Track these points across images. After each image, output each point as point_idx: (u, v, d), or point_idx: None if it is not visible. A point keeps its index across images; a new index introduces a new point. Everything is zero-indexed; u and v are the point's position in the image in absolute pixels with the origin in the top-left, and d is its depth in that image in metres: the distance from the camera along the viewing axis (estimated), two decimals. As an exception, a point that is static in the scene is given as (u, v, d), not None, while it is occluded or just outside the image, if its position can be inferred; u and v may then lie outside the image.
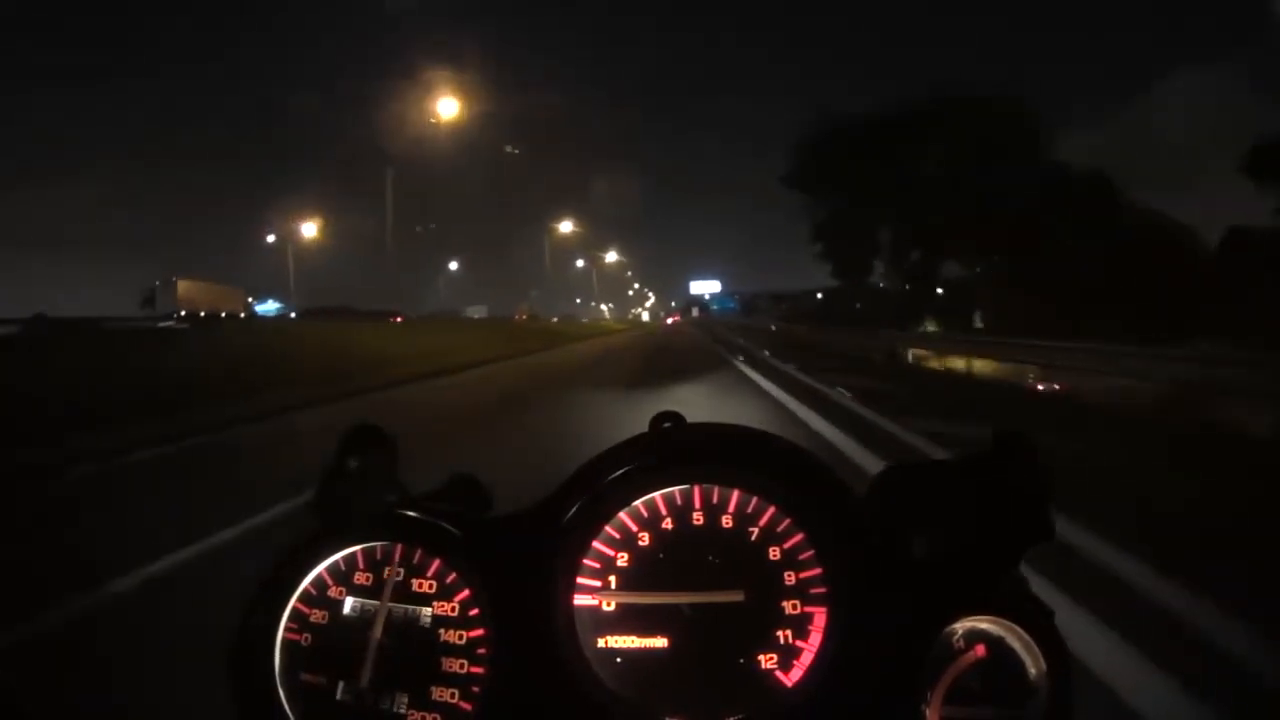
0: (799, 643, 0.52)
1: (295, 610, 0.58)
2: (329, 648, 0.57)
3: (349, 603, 0.58)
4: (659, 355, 18.40)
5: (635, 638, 0.53)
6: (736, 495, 0.55)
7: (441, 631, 0.56)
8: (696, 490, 0.56)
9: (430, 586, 0.57)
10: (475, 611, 0.56)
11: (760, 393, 9.19)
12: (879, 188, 25.74)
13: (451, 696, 0.55)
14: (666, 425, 0.61)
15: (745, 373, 12.22)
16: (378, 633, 0.56)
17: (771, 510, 0.54)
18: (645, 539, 0.55)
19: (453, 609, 0.57)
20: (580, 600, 0.54)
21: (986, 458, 0.55)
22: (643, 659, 0.53)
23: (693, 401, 8.36)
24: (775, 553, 0.54)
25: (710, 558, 0.54)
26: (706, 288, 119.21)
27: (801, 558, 0.53)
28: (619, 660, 0.53)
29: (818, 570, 0.53)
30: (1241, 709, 1.86)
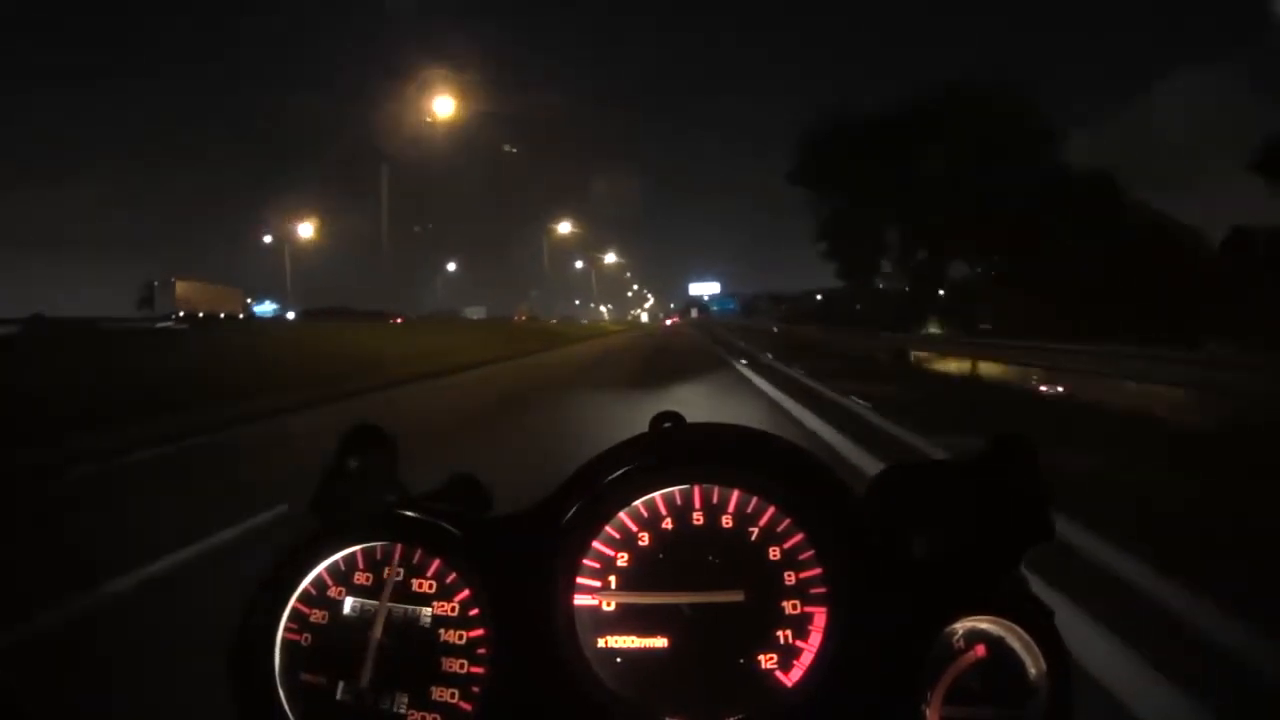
0: (799, 643, 0.52)
1: (295, 610, 0.58)
2: (329, 648, 0.57)
3: (349, 603, 0.58)
4: (658, 357, 18.38)
5: (635, 638, 0.53)
6: (736, 495, 0.55)
7: (441, 631, 0.56)
8: (696, 490, 0.56)
9: (430, 586, 0.57)
10: (475, 611, 0.56)
11: (771, 404, 8.33)
12: (883, 185, 24.96)
13: (451, 696, 0.54)
14: (666, 425, 0.61)
15: (750, 379, 11.42)
16: (378, 633, 0.56)
17: (771, 510, 0.54)
18: (645, 539, 0.55)
19: (453, 609, 0.56)
20: (580, 600, 0.54)
21: (986, 458, 0.55)
22: (643, 659, 0.53)
23: (692, 402, 8.36)
24: (775, 553, 0.54)
25: (710, 558, 0.54)
26: (706, 289, 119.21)
27: (801, 558, 0.53)
28: (619, 660, 0.53)
29: (818, 570, 0.53)
30: (1240, 710, 1.85)
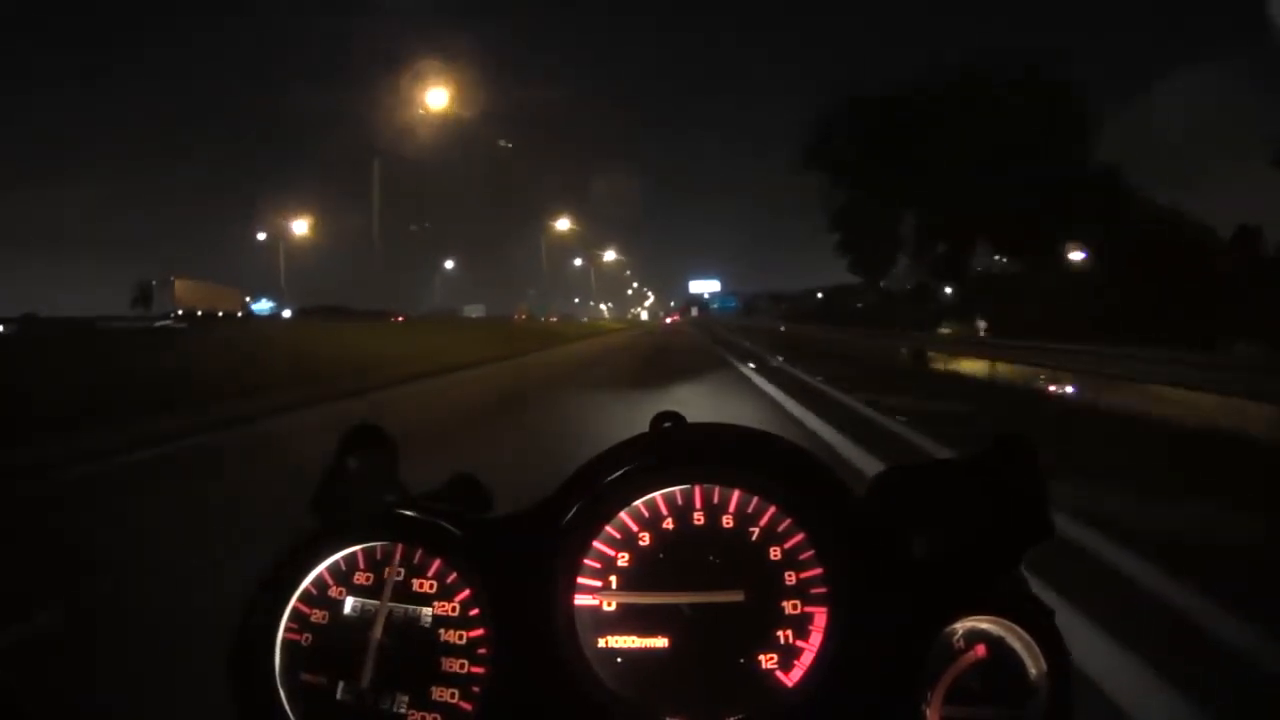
0: (799, 643, 0.52)
1: (295, 610, 0.58)
2: (329, 648, 0.57)
3: (349, 603, 0.58)
4: (658, 357, 18.37)
5: (635, 638, 0.53)
6: (737, 495, 0.55)
7: (442, 631, 0.56)
8: (697, 490, 0.56)
9: (430, 586, 0.57)
10: (475, 611, 0.56)
11: (792, 422, 6.69)
12: (904, 169, 22.66)
13: (452, 696, 0.54)
14: (667, 425, 0.61)
15: (764, 389, 9.56)
16: (378, 633, 0.56)
17: (772, 510, 0.54)
18: (646, 539, 0.55)
19: (453, 609, 0.56)
20: (580, 600, 0.54)
21: (986, 458, 0.55)
22: (643, 659, 0.53)
23: (693, 402, 8.35)
24: (776, 553, 0.54)
25: (711, 558, 0.54)
26: (706, 287, 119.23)
27: (802, 558, 0.53)
28: (619, 660, 0.53)
29: (818, 570, 0.53)
30: (1239, 711, 1.85)
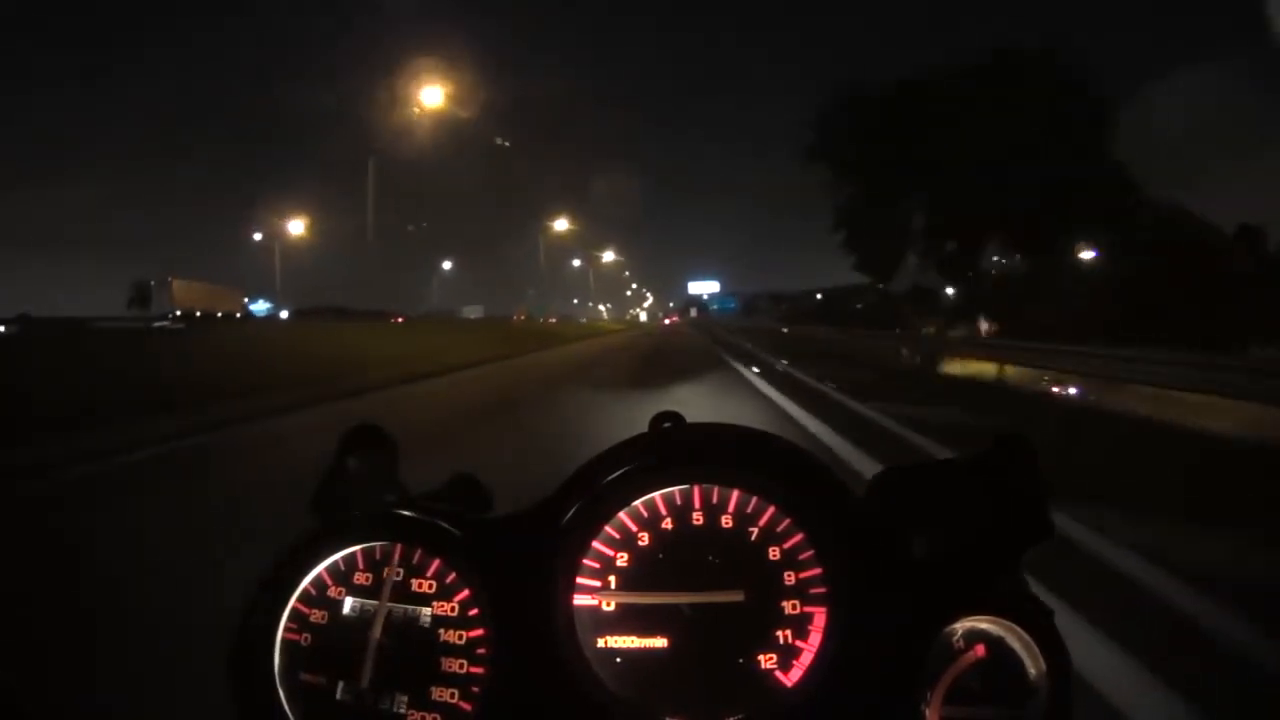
0: (799, 643, 0.52)
1: (295, 610, 0.58)
2: (329, 648, 0.57)
3: (349, 603, 0.58)
4: (657, 356, 18.38)
5: (635, 638, 0.53)
6: (736, 495, 0.55)
7: (441, 631, 0.56)
8: (696, 490, 0.56)
9: (430, 586, 0.57)
10: (475, 611, 0.56)
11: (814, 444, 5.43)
12: (912, 165, 21.55)
13: (451, 696, 0.54)
14: (666, 425, 0.61)
15: (774, 399, 8.54)
16: (377, 633, 0.56)
17: (771, 510, 0.54)
18: (645, 539, 0.55)
19: (452, 609, 0.56)
20: (580, 600, 0.54)
21: (986, 458, 0.55)
22: (643, 659, 0.53)
23: (693, 402, 8.35)
24: (775, 553, 0.54)
25: (710, 558, 0.54)
26: (705, 288, 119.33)
27: (801, 558, 0.53)
28: (619, 660, 0.53)
29: (818, 570, 0.53)
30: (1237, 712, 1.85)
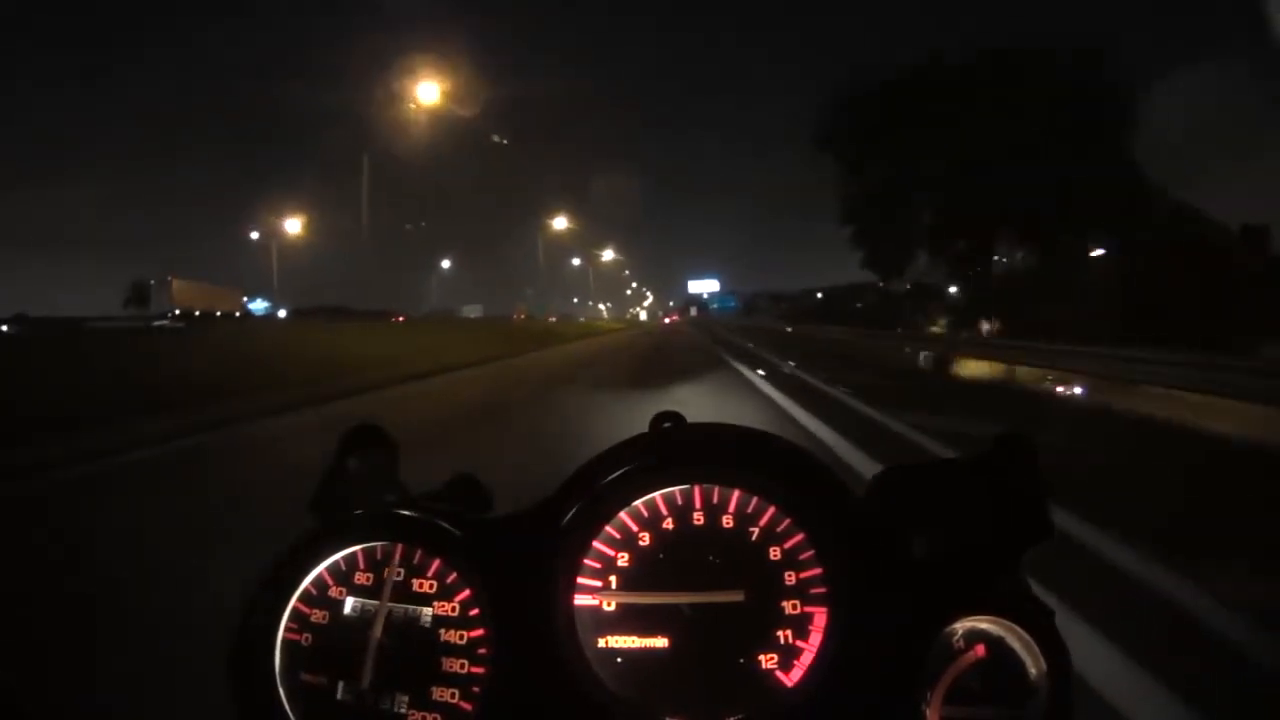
0: (799, 643, 0.52)
1: (295, 610, 0.58)
2: (329, 648, 0.57)
3: (349, 603, 0.58)
4: (656, 356, 18.42)
5: (635, 638, 0.54)
6: (737, 495, 0.55)
7: (442, 631, 0.56)
8: (697, 490, 0.56)
9: (430, 586, 0.57)
10: (475, 611, 0.56)
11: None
12: (930, 152, 20.61)
13: (452, 696, 0.54)
14: (666, 425, 0.61)
15: (786, 409, 7.33)
16: (378, 633, 0.56)
17: (772, 510, 0.55)
18: (646, 539, 0.55)
19: (453, 609, 0.56)
20: (580, 600, 0.54)
21: (987, 458, 0.55)
22: (643, 659, 0.53)
23: (693, 401, 8.36)
24: (775, 553, 0.54)
25: (710, 558, 0.54)
26: (705, 286, 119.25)
27: (802, 558, 0.53)
28: (619, 660, 0.53)
29: (818, 570, 0.53)
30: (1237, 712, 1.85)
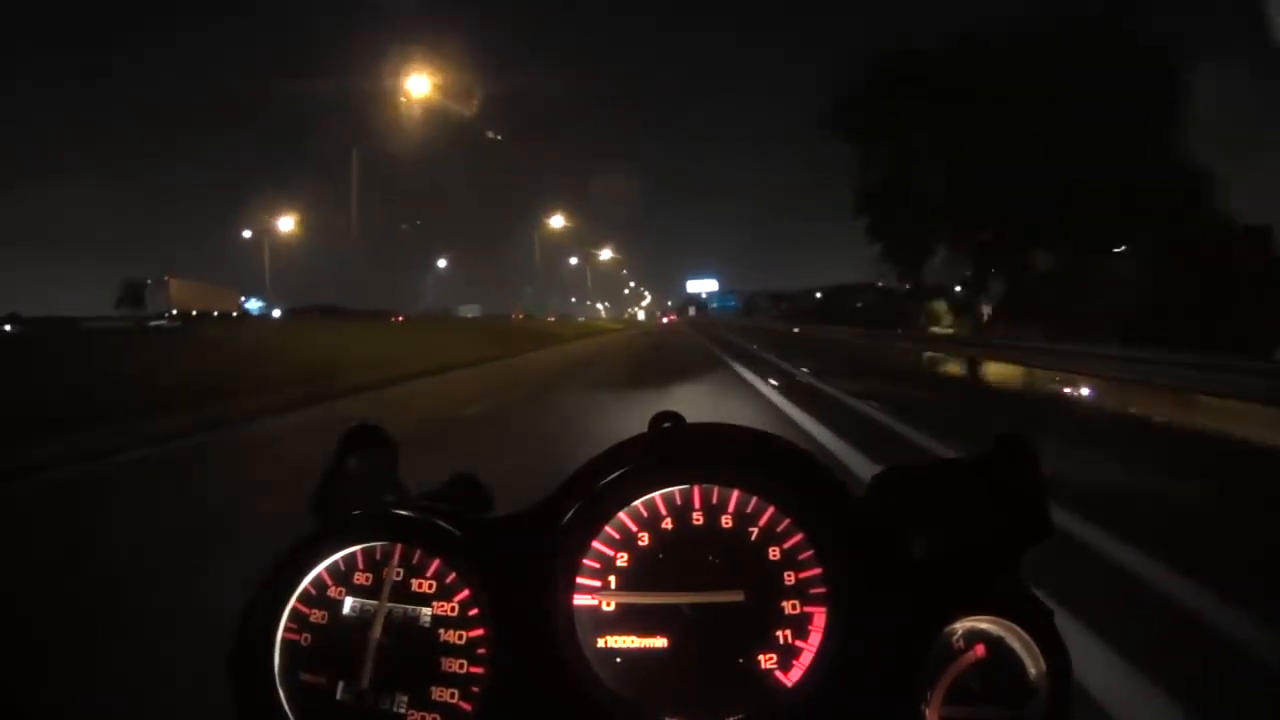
0: (799, 643, 0.52)
1: (295, 610, 0.58)
2: (329, 648, 0.57)
3: (349, 603, 0.58)
4: (654, 355, 18.44)
5: (635, 638, 0.53)
6: (736, 495, 0.55)
7: (441, 631, 0.56)
8: (696, 490, 0.56)
9: (430, 586, 0.57)
10: (475, 611, 0.56)
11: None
12: (961, 138, 18.51)
13: (451, 696, 0.54)
14: (666, 425, 0.61)
15: (813, 436, 5.60)
16: (377, 633, 0.56)
17: (771, 510, 0.54)
18: (645, 539, 0.55)
19: (452, 609, 0.56)
20: (580, 600, 0.54)
21: (986, 459, 0.55)
22: (643, 659, 0.53)
23: (693, 401, 8.37)
24: (775, 553, 0.54)
25: (710, 558, 0.54)
26: (704, 286, 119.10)
27: (801, 558, 0.53)
28: (619, 660, 0.53)
29: (817, 570, 0.53)
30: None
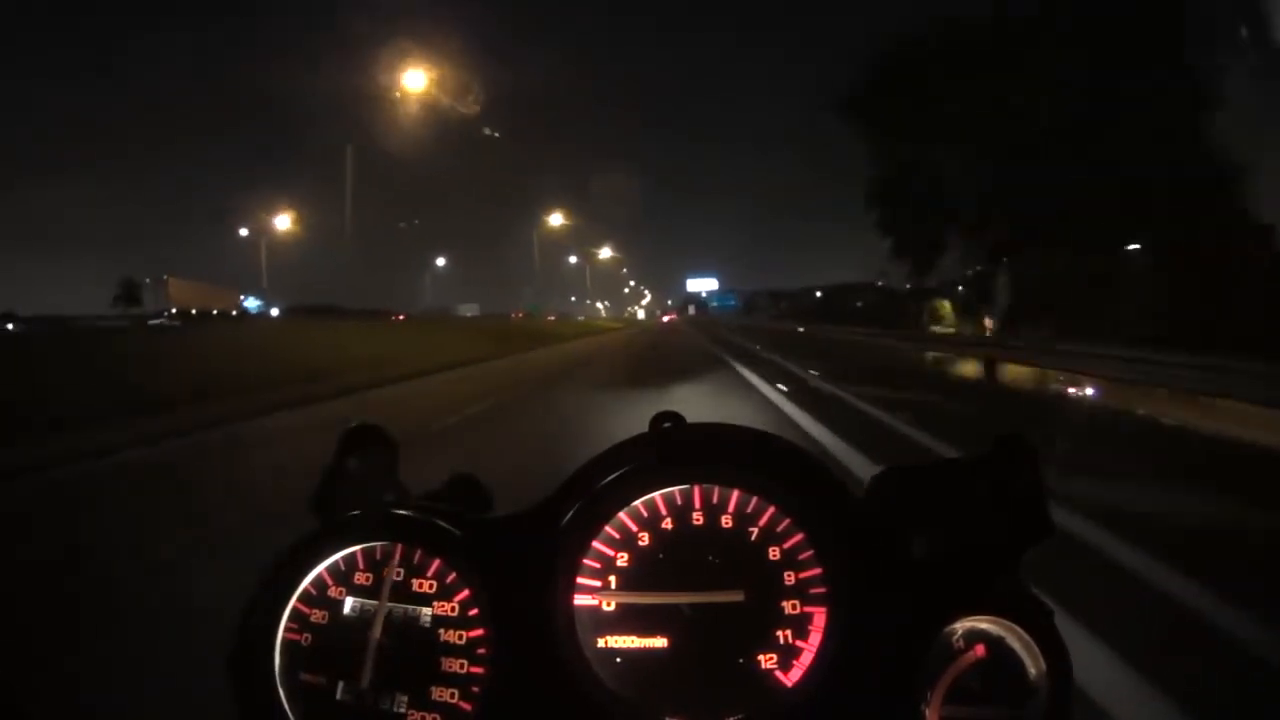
0: (799, 643, 0.52)
1: (295, 610, 0.58)
2: (329, 648, 0.57)
3: (349, 603, 0.58)
4: (654, 354, 18.46)
5: (635, 638, 0.53)
6: (736, 495, 0.55)
7: (441, 631, 0.56)
8: (696, 490, 0.56)
9: (430, 586, 0.57)
10: (475, 611, 0.56)
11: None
12: (986, 126, 17.10)
13: (451, 696, 0.54)
14: (666, 425, 0.61)
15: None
16: (377, 633, 0.56)
17: (771, 510, 0.54)
18: (645, 539, 0.55)
19: (452, 609, 0.56)
20: (580, 600, 0.54)
21: (986, 459, 0.55)
22: (643, 659, 0.53)
23: (693, 401, 8.37)
24: (775, 553, 0.54)
25: (710, 558, 0.54)
26: (704, 285, 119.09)
27: (801, 558, 0.53)
28: (619, 660, 0.53)
29: (817, 570, 0.53)
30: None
